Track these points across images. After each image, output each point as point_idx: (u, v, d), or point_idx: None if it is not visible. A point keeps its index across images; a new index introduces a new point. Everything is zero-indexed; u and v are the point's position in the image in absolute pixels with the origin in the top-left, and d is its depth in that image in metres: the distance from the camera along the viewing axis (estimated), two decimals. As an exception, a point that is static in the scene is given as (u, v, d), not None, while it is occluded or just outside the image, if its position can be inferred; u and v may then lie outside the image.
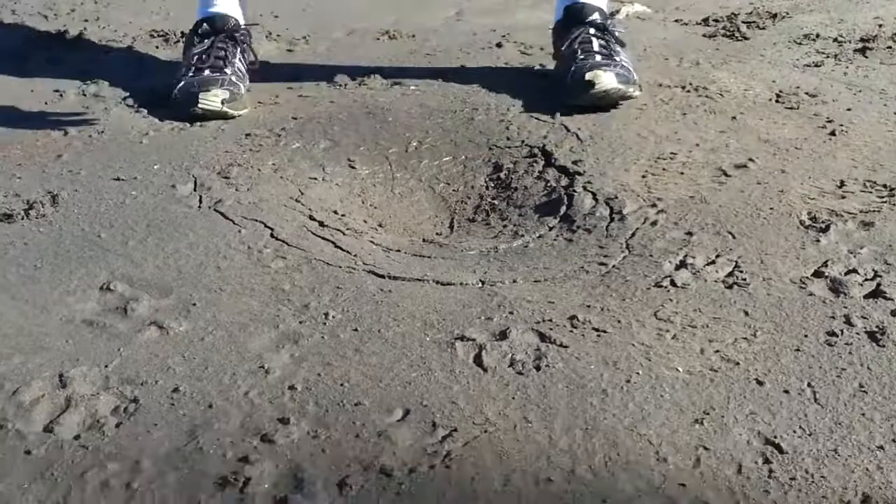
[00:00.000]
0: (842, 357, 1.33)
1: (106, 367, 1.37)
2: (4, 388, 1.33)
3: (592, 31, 2.36)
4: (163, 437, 1.23)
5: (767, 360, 1.33)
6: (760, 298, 1.48)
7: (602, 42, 2.34)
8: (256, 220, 1.76)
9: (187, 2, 3.13)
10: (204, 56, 2.32)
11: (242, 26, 2.44)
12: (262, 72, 2.49)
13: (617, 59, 2.28)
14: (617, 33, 2.35)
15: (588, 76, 2.17)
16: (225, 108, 2.19)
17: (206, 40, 2.37)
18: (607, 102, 2.19)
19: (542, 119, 2.15)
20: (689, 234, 1.68)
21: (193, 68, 2.29)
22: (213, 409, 1.28)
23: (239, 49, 2.39)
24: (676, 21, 2.91)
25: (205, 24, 2.39)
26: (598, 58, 2.26)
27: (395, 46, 2.74)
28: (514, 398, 1.28)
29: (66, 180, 1.92)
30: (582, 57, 2.27)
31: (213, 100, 2.18)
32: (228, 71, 2.29)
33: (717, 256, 1.60)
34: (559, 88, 2.28)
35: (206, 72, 2.28)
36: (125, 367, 1.36)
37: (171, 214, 1.78)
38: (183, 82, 2.25)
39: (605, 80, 2.18)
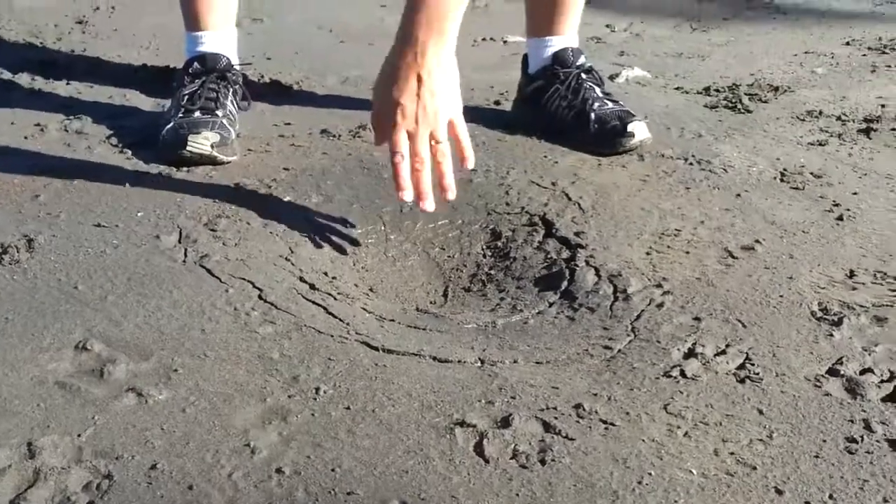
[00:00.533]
0: (863, 467, 1.26)
1: (79, 436, 1.27)
2: (-33, 455, 1.23)
3: (585, 76, 2.40)
4: (137, 520, 1.14)
5: (786, 466, 1.25)
6: (775, 396, 1.40)
7: (602, 88, 2.42)
8: (244, 279, 1.68)
9: (178, 37, 3.07)
10: (194, 97, 2.23)
11: (235, 66, 2.36)
12: (253, 117, 2.41)
13: (623, 103, 2.41)
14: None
15: (630, 128, 2.27)
16: (214, 153, 2.10)
17: (196, 80, 2.28)
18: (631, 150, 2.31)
19: (542, 185, 2.09)
20: (698, 319, 1.61)
21: (183, 109, 2.20)
22: (194, 491, 1.18)
23: (231, 90, 2.31)
24: (677, 89, 2.86)
25: (196, 64, 2.30)
26: (611, 105, 2.35)
27: (390, 98, 2.67)
28: (518, 495, 1.19)
29: (44, 223, 1.83)
30: (597, 105, 2.34)
31: (202, 143, 2.09)
32: (220, 114, 2.21)
33: (728, 346, 1.53)
34: (572, 135, 2.35)
35: (197, 113, 2.19)
36: (99, 438, 1.27)
37: (154, 268, 1.69)
38: (172, 123, 2.16)
39: (641, 131, 2.29)
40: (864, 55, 3.33)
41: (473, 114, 2.50)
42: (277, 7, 3.65)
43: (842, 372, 1.46)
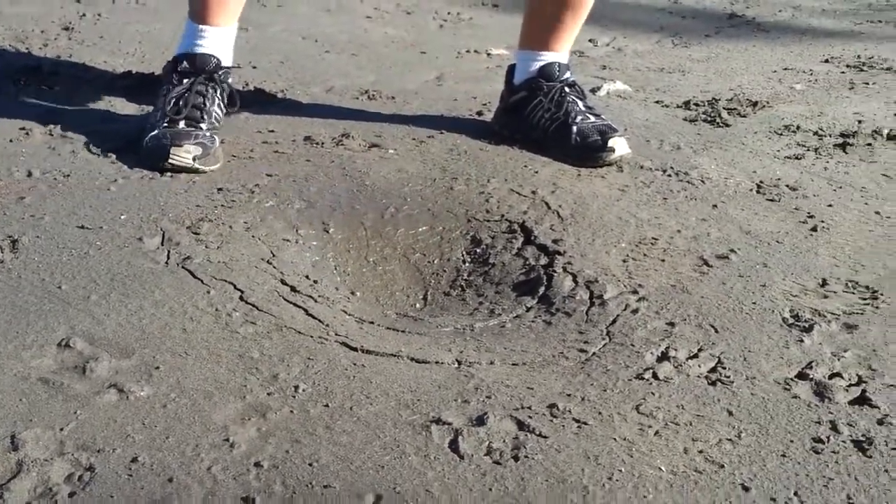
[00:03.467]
0: (828, 466, 1.29)
1: (61, 430, 1.29)
2: (-50, 446, 1.25)
3: (568, 89, 2.43)
4: (117, 511, 1.16)
5: (753, 465, 1.28)
6: (744, 398, 1.44)
7: (585, 102, 2.44)
8: (226, 281, 1.70)
9: (162, 44, 3.11)
10: (180, 103, 2.24)
11: (224, 67, 2.35)
12: (237, 124, 2.44)
13: (605, 116, 2.45)
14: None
15: (610, 143, 2.31)
16: (196, 165, 2.11)
17: (184, 80, 2.28)
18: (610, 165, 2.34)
19: (522, 194, 2.12)
20: (671, 324, 1.64)
21: (168, 119, 2.21)
22: (174, 483, 1.21)
23: (218, 91, 2.31)
24: (657, 102, 2.90)
25: (185, 63, 2.30)
26: (593, 118, 2.39)
27: (374, 107, 2.71)
28: (491, 489, 1.22)
29: (28, 225, 1.85)
30: (580, 118, 2.38)
31: (184, 156, 2.11)
32: (204, 126, 2.22)
33: (700, 350, 1.56)
34: (553, 146, 2.38)
35: (181, 124, 2.20)
36: (82, 432, 1.29)
37: (136, 269, 1.71)
38: (156, 131, 2.18)
39: (621, 146, 2.33)
40: (843, 72, 3.38)
41: (456, 123, 2.55)
42: (263, 17, 3.68)
43: (811, 376, 1.50)
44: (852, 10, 4.45)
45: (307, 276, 1.80)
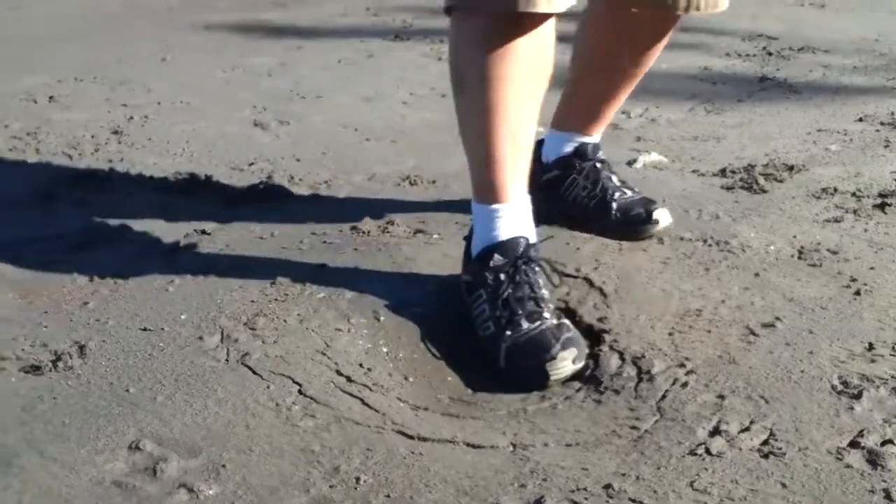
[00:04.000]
0: (885, 535, 1.31)
1: (135, 532, 1.34)
2: (32, 553, 1.31)
3: (599, 165, 2.48)
4: None
5: (810, 538, 1.31)
6: (797, 470, 1.46)
7: (618, 176, 2.49)
8: (284, 375, 1.76)
9: (209, 142, 3.22)
10: (511, 304, 1.92)
11: (534, 244, 2.02)
12: (286, 216, 2.52)
13: (637, 189, 2.50)
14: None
15: (655, 215, 2.37)
16: (578, 366, 1.85)
17: (501, 276, 1.96)
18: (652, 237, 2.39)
19: (566, 273, 2.16)
20: (721, 397, 1.67)
21: (505, 320, 1.91)
22: (245, 580, 1.25)
23: (540, 269, 2.00)
24: (693, 171, 2.95)
25: (495, 256, 1.98)
26: (629, 193, 2.44)
27: (416, 192, 2.78)
28: (552, 574, 1.25)
29: (94, 330, 1.92)
30: (617, 194, 2.43)
31: (565, 367, 1.83)
32: (547, 314, 1.92)
33: (751, 423, 1.59)
34: (593, 222, 2.43)
35: (524, 323, 1.89)
36: (154, 533, 1.34)
37: (198, 368, 1.78)
38: (506, 345, 1.88)
39: (664, 217, 2.39)
40: (878, 130, 3.41)
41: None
42: (303, 109, 3.78)
43: (862, 444, 1.52)
44: (883, 65, 4.48)
45: (361, 365, 1.85)
